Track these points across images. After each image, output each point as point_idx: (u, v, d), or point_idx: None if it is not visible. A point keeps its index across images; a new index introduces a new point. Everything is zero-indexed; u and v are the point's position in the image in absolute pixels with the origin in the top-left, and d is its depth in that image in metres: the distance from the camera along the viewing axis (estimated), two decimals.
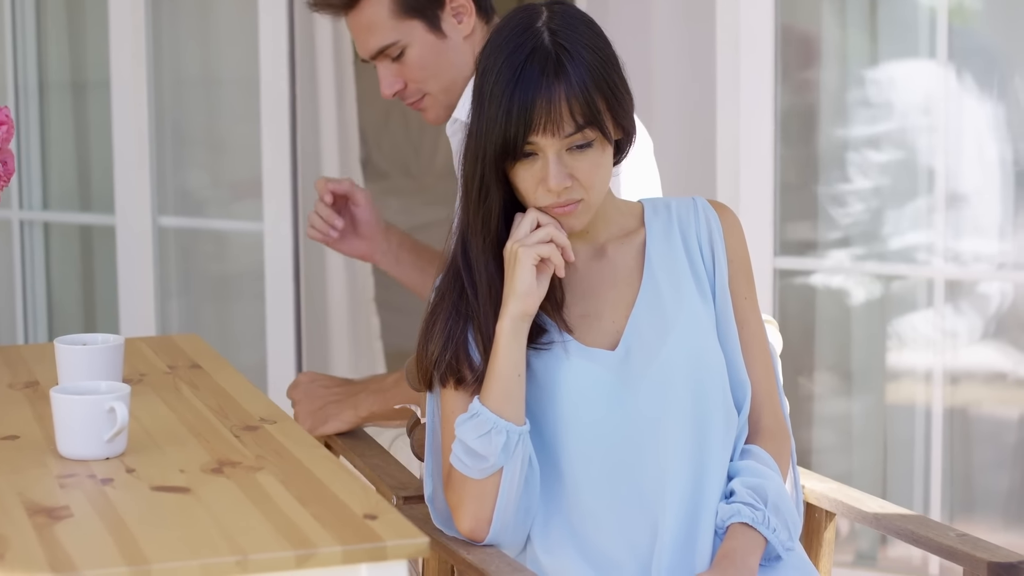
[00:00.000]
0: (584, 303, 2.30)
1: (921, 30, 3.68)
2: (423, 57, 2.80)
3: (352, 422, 2.86)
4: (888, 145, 3.79)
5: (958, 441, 3.76)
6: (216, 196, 4.65)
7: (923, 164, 3.71)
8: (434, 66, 2.80)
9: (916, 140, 3.73)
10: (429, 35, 2.79)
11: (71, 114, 4.81)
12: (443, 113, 2.85)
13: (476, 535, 2.23)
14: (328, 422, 2.87)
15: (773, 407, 2.34)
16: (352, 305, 4.39)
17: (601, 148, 2.19)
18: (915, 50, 3.69)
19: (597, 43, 2.20)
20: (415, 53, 2.79)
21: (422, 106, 2.86)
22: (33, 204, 4.81)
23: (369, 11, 2.78)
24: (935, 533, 2.30)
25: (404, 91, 2.83)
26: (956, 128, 3.66)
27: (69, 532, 1.85)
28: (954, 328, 3.73)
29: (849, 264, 3.84)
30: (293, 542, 1.81)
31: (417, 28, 2.79)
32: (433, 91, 2.82)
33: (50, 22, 4.78)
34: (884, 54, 3.75)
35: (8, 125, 2.59)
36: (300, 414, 2.87)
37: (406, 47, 2.79)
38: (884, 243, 3.80)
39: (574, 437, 2.23)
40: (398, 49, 2.79)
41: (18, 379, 2.61)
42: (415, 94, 2.84)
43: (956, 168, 3.67)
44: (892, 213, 3.78)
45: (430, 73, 2.81)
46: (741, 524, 2.21)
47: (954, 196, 3.67)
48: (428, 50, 2.80)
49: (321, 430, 2.85)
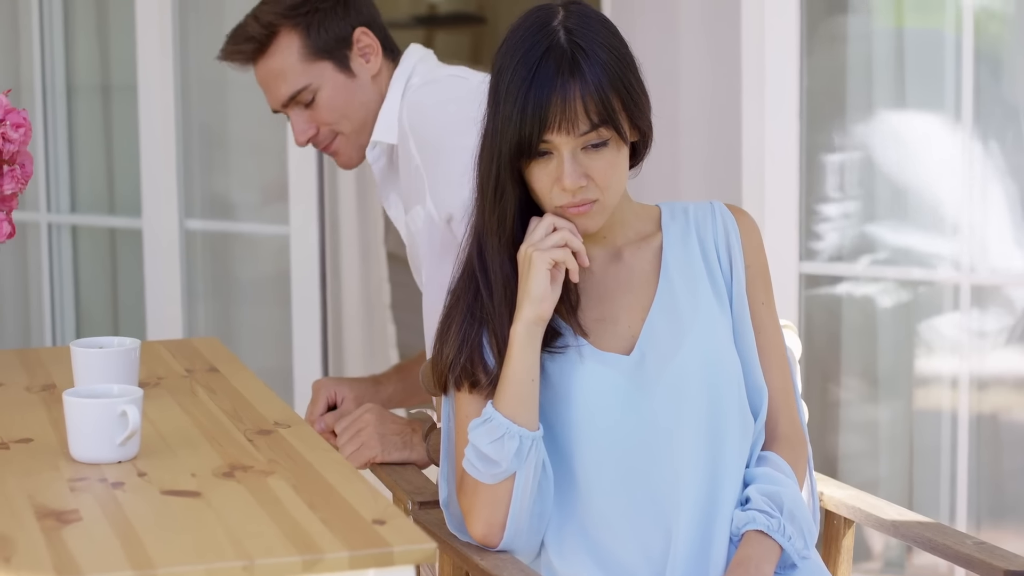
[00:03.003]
0: (600, 307, 2.28)
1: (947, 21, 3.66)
2: (335, 98, 2.86)
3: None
4: (912, 150, 3.76)
5: (986, 448, 3.73)
6: (243, 199, 4.66)
7: (948, 168, 3.68)
8: (346, 106, 2.86)
9: (942, 143, 3.71)
10: (339, 75, 2.86)
11: (99, 117, 4.82)
12: (355, 155, 2.91)
13: (489, 540, 2.22)
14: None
15: (790, 413, 2.32)
16: (367, 312, 4.39)
17: (616, 148, 2.18)
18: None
19: (613, 43, 2.18)
20: (326, 95, 2.85)
21: (334, 148, 2.91)
22: (61, 207, 4.82)
23: (279, 57, 2.85)
24: (952, 541, 2.28)
25: (316, 136, 2.89)
26: (983, 131, 3.63)
27: (77, 536, 1.85)
28: (981, 334, 3.70)
29: (875, 270, 3.81)
30: (300, 547, 1.80)
31: (327, 69, 2.86)
32: (346, 131, 2.88)
33: (78, 25, 4.79)
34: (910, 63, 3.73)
35: (26, 128, 2.60)
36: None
37: (317, 90, 2.85)
38: (910, 248, 3.77)
39: (588, 442, 2.22)
40: (310, 93, 2.85)
41: (35, 382, 2.61)
42: (328, 136, 2.89)
43: (982, 173, 3.64)
44: (918, 218, 3.75)
45: (342, 113, 2.86)
46: (756, 531, 2.19)
47: (980, 201, 3.65)
48: (339, 90, 2.86)
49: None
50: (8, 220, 2.65)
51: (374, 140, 2.85)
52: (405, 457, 2.80)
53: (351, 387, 3.00)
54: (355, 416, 2.83)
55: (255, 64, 2.89)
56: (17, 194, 2.63)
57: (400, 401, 3.08)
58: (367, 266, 4.34)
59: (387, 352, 4.41)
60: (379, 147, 2.86)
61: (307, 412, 2.97)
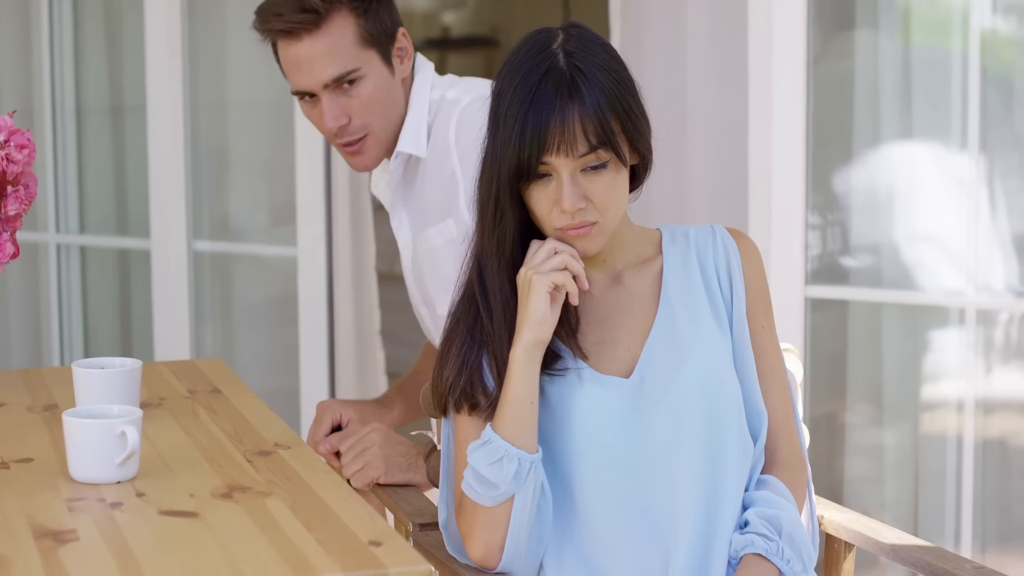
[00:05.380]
0: (600, 330, 2.28)
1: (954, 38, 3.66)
2: (378, 90, 2.80)
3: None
4: (918, 173, 3.77)
5: (992, 472, 3.72)
6: (251, 221, 4.67)
7: (954, 191, 3.68)
8: (384, 101, 2.80)
9: (948, 166, 3.70)
10: (384, 68, 2.81)
11: (109, 138, 4.83)
12: (378, 157, 2.85)
13: (488, 563, 2.22)
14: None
15: (790, 437, 2.32)
16: (359, 337, 4.38)
17: (616, 170, 2.18)
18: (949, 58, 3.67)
19: (613, 65, 2.19)
20: (370, 85, 2.79)
21: (362, 147, 2.84)
22: (70, 228, 4.84)
23: (334, 35, 2.77)
24: (951, 565, 2.27)
25: (348, 126, 2.81)
26: (990, 155, 3.63)
27: (73, 556, 1.85)
28: (987, 358, 3.70)
29: (881, 294, 3.81)
30: (296, 568, 1.81)
31: (375, 59, 2.80)
32: (376, 130, 2.82)
33: (88, 46, 4.81)
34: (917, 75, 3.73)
35: (30, 149, 2.60)
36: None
37: (363, 77, 2.78)
38: (916, 272, 3.77)
39: (587, 465, 2.22)
40: (358, 77, 2.78)
41: (37, 402, 2.62)
42: (358, 131, 2.82)
43: (988, 195, 3.64)
44: (924, 241, 3.75)
45: (379, 108, 2.80)
46: (755, 555, 2.19)
47: (986, 224, 3.64)
48: (382, 83, 2.80)
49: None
50: (12, 240, 2.66)
51: (400, 151, 2.81)
52: (408, 479, 2.80)
53: (356, 409, 2.99)
54: (360, 435, 2.82)
55: (303, 38, 2.76)
56: (21, 215, 2.64)
57: (406, 422, 3.08)
58: (360, 291, 4.34)
59: (377, 379, 4.40)
60: (401, 157, 2.82)
61: (310, 433, 2.97)
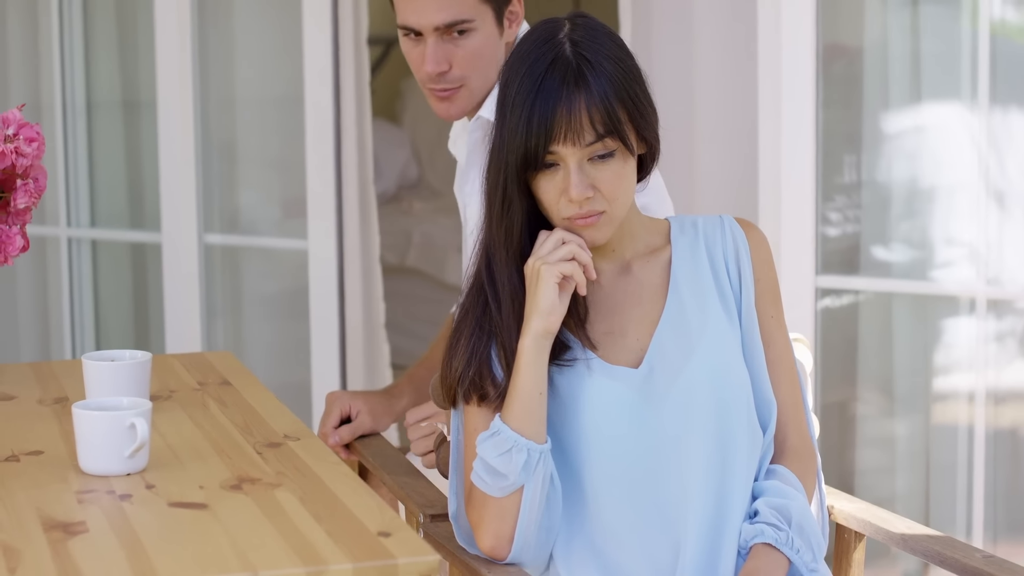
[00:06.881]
0: (608, 320, 2.28)
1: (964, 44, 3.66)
2: (485, 46, 2.76)
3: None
4: (927, 162, 3.76)
5: (1002, 462, 3.72)
6: (262, 214, 4.67)
7: (965, 182, 3.67)
8: (488, 58, 2.76)
9: (956, 157, 3.70)
10: (495, 27, 2.77)
11: (119, 132, 4.84)
12: (466, 109, 2.81)
13: (497, 553, 2.22)
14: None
15: (799, 426, 2.32)
16: (368, 330, 4.38)
17: (623, 159, 2.18)
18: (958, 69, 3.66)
19: (619, 55, 2.19)
20: (479, 39, 2.75)
21: (454, 96, 2.79)
22: (81, 222, 4.84)
23: None
24: (961, 554, 2.27)
25: (447, 74, 2.77)
26: (998, 145, 3.62)
27: (82, 548, 1.86)
28: (999, 348, 3.69)
29: (892, 283, 3.80)
30: (305, 559, 1.81)
31: (489, 15, 2.76)
32: (472, 85, 2.78)
33: (98, 42, 4.82)
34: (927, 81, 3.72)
35: (39, 142, 2.61)
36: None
37: (475, 30, 2.74)
38: (927, 262, 3.76)
39: (596, 455, 2.22)
40: (469, 28, 2.74)
41: (48, 395, 2.63)
42: (455, 81, 2.77)
43: (999, 186, 3.64)
44: (935, 231, 3.75)
45: (482, 64, 2.76)
46: (764, 544, 2.18)
47: (997, 214, 3.64)
48: (490, 40, 2.76)
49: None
50: (22, 234, 2.66)
51: (481, 115, 2.77)
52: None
53: (365, 400, 3.00)
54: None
55: None
56: (31, 208, 2.65)
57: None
58: (368, 283, 4.34)
59: (383, 371, 4.40)
60: (480, 121, 2.78)
61: (320, 424, 2.98)
